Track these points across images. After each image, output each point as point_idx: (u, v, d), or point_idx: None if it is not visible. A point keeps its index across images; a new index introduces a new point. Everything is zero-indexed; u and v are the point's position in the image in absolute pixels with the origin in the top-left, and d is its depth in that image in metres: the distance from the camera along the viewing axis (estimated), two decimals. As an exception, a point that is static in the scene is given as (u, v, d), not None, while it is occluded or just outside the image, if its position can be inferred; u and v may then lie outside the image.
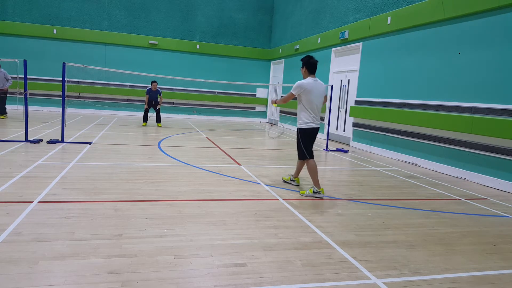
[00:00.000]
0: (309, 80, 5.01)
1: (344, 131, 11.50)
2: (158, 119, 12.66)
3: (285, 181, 5.69)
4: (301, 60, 5.11)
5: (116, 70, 10.13)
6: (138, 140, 9.22)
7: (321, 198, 4.93)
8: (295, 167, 5.63)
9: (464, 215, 4.60)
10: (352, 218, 4.19)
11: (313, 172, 5.03)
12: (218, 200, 4.54)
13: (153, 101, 12.50)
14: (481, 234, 3.92)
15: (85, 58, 15.49)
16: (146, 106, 12.45)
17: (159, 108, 12.54)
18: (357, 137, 10.62)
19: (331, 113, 10.75)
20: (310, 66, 5.01)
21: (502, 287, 2.76)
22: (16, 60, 8.41)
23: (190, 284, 2.52)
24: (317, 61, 5.06)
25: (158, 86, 12.70)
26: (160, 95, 12.54)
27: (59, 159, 6.28)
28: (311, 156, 5.13)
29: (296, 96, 5.04)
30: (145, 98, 12.65)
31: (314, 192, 4.98)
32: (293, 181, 5.62)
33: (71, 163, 6.01)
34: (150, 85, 12.62)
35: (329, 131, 10.81)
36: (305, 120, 5.04)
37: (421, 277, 2.83)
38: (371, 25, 10.01)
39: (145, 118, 12.55)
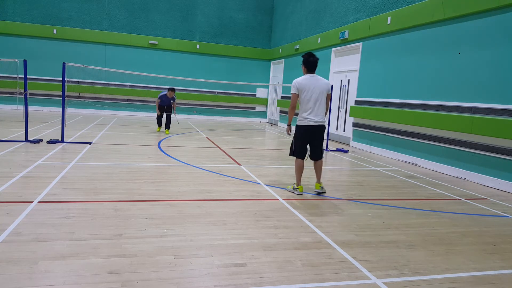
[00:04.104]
0: (305, 76, 4.95)
1: (344, 131, 11.50)
2: (167, 124, 11.10)
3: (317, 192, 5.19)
4: (302, 56, 5.03)
5: (116, 70, 10.14)
6: (138, 140, 9.22)
7: (300, 195, 5.00)
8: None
9: (464, 215, 4.60)
10: (352, 218, 4.19)
11: (297, 171, 5.07)
12: (218, 200, 4.54)
13: (164, 106, 11.06)
14: (481, 234, 3.92)
15: (85, 58, 15.50)
16: (158, 112, 11.04)
17: (170, 112, 11.13)
18: (357, 137, 10.62)
19: (331, 113, 10.74)
20: (308, 64, 4.96)
21: (502, 287, 2.76)
22: (16, 60, 8.41)
23: (190, 284, 2.52)
24: (317, 59, 4.97)
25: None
26: (174, 101, 11.12)
27: (59, 159, 6.28)
28: (299, 157, 5.04)
29: (298, 94, 4.94)
30: (155, 102, 11.06)
31: (293, 188, 5.10)
32: (321, 188, 5.18)
33: (71, 163, 6.01)
34: (165, 91, 11.12)
35: (329, 131, 10.80)
36: (300, 117, 4.99)
37: (421, 277, 2.83)
38: (371, 25, 10.01)
39: (159, 122, 11.31)
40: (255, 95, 18.72)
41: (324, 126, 5.03)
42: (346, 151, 9.59)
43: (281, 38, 17.08)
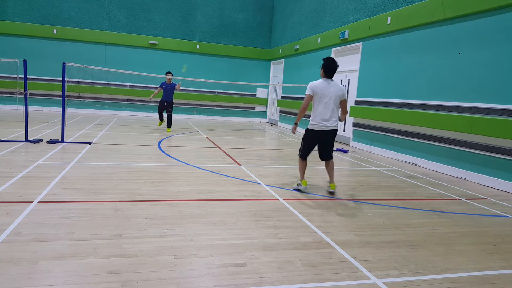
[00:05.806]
0: (321, 80, 5.01)
1: (344, 131, 11.50)
2: (168, 123, 11.30)
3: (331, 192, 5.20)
4: (323, 59, 5.06)
5: (116, 70, 10.13)
6: (138, 140, 9.22)
7: (305, 188, 5.14)
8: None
9: (464, 215, 4.60)
10: (352, 218, 4.19)
11: (300, 168, 5.28)
12: (218, 200, 4.54)
13: (165, 102, 11.10)
14: (481, 234, 3.92)
15: (85, 58, 15.48)
16: (154, 94, 11.18)
17: (171, 110, 11.19)
18: (357, 137, 10.62)
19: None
20: (327, 70, 4.99)
21: (502, 287, 2.76)
22: (16, 60, 8.41)
23: (190, 284, 2.52)
24: (337, 66, 5.02)
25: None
26: (177, 85, 10.97)
27: (59, 159, 6.28)
28: (303, 158, 5.24)
29: (312, 96, 4.97)
30: (157, 90, 11.18)
31: (297, 184, 5.23)
32: (328, 187, 5.20)
33: (71, 163, 6.01)
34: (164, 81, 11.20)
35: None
36: (310, 120, 5.06)
37: (421, 277, 2.83)
38: (371, 25, 10.01)
39: (161, 117, 11.45)
40: (255, 95, 18.72)
41: (336, 130, 5.09)
42: (346, 151, 9.58)
43: (281, 38, 17.08)
